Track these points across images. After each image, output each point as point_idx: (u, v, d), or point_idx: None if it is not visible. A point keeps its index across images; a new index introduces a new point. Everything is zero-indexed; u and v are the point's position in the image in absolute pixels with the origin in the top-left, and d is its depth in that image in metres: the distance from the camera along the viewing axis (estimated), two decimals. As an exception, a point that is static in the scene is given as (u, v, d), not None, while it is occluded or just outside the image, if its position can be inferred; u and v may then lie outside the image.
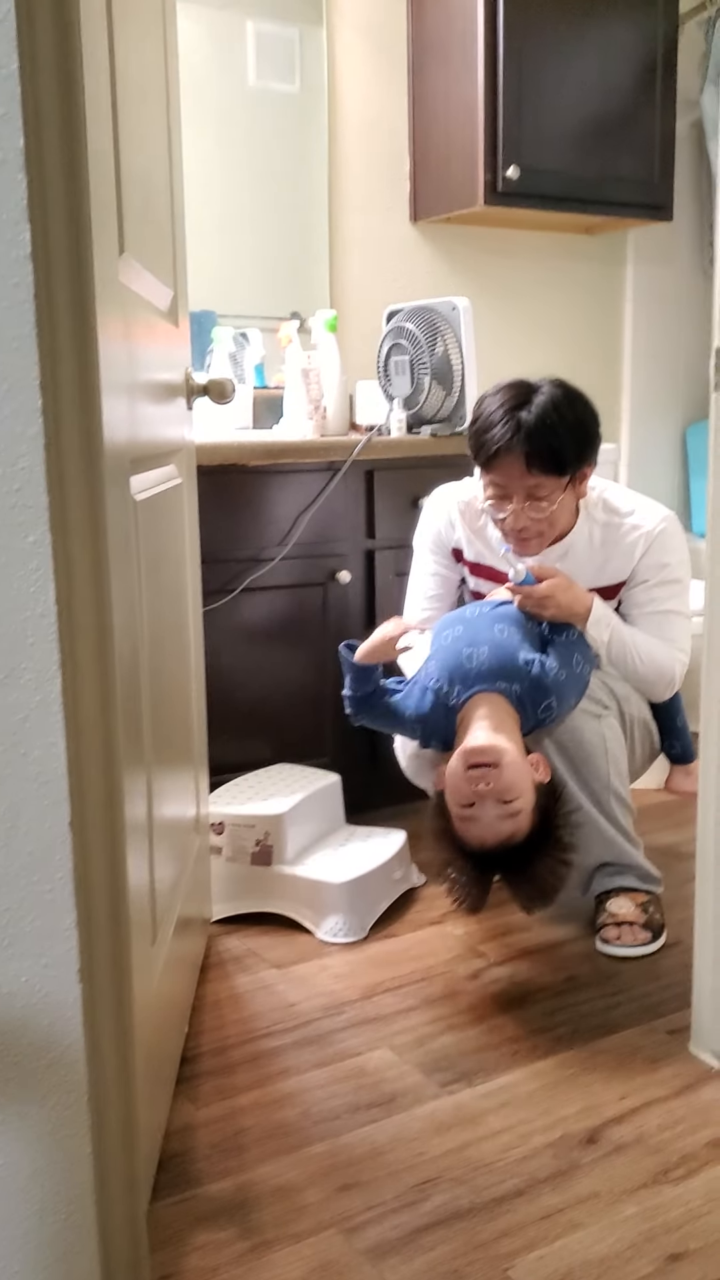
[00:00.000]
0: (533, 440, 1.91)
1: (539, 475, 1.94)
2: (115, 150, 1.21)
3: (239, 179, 2.86)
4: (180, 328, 1.82)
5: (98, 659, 1.03)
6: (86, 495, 1.01)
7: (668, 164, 3.09)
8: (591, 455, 2.00)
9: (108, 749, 1.05)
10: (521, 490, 1.97)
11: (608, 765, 1.99)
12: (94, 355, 1.01)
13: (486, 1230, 1.36)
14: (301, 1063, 1.71)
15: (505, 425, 1.93)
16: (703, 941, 1.68)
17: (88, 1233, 1.04)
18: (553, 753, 1.96)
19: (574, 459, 1.96)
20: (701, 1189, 1.42)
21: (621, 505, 2.11)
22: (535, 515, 1.99)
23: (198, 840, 1.95)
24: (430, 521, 2.25)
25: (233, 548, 2.38)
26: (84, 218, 0.98)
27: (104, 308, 1.07)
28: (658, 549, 2.07)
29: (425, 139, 3.01)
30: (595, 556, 2.09)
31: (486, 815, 1.72)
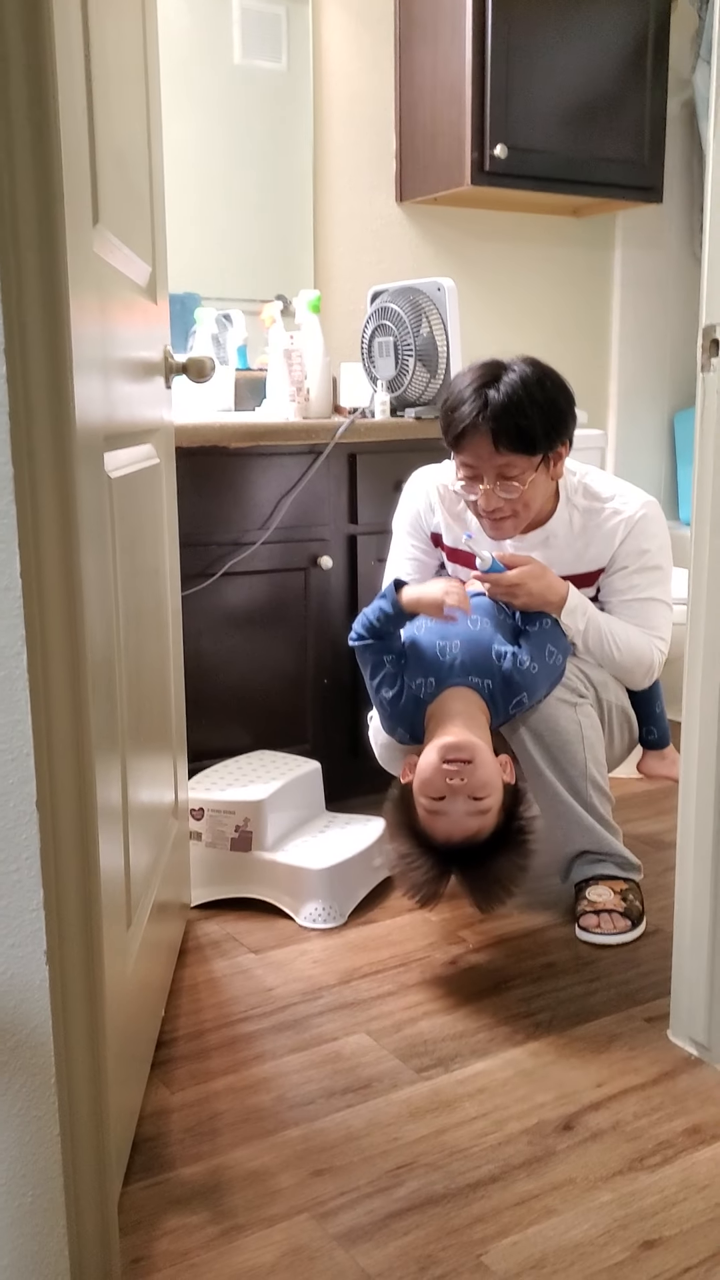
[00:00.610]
0: (500, 418, 1.90)
1: (508, 454, 1.92)
2: (90, 118, 1.19)
3: (223, 158, 2.83)
4: (159, 305, 1.80)
5: (68, 636, 1.01)
6: (56, 468, 0.99)
7: (658, 145, 3.07)
8: (564, 435, 1.98)
9: (78, 729, 1.04)
10: (492, 470, 1.95)
11: (584, 753, 1.98)
12: (64, 322, 0.99)
13: (460, 1216, 1.35)
14: (278, 1047, 1.69)
15: (473, 404, 1.91)
16: (682, 929, 1.67)
17: (56, 1215, 1.02)
18: (529, 741, 1.95)
19: (544, 438, 1.93)
20: (677, 1176, 1.41)
21: (602, 490, 2.09)
22: (507, 495, 1.96)
23: (176, 825, 1.94)
24: (409, 503, 2.23)
25: (213, 531, 2.36)
26: (54, 182, 0.96)
27: (76, 277, 1.05)
28: (638, 535, 2.05)
29: (412, 118, 2.99)
30: (575, 543, 2.08)
31: (456, 811, 1.74)
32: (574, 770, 1.98)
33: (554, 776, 1.97)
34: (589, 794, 2.00)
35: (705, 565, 1.56)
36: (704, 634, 1.58)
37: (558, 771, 1.97)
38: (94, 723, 1.07)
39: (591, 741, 1.99)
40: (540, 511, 2.05)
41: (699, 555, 1.58)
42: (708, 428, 1.54)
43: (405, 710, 1.91)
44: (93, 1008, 1.08)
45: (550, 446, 1.95)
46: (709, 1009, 1.63)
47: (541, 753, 1.96)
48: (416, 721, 1.91)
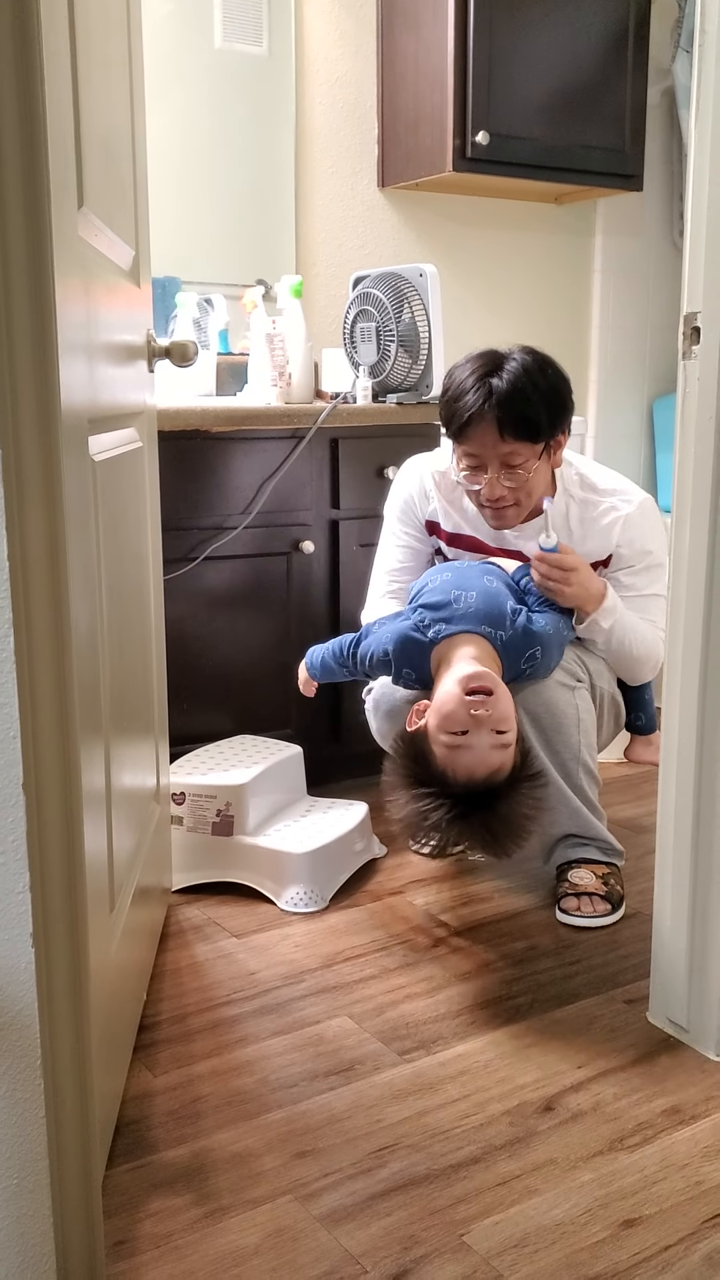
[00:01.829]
0: (505, 406, 1.90)
1: (513, 442, 1.93)
2: (75, 100, 1.18)
3: (204, 143, 2.82)
4: (142, 288, 1.79)
5: (53, 620, 1.01)
6: (41, 451, 0.99)
7: (639, 133, 3.08)
8: (565, 422, 1.99)
9: (63, 713, 1.03)
10: (496, 459, 1.95)
11: (579, 737, 1.99)
12: (50, 304, 0.99)
13: (443, 1196, 1.36)
14: (260, 1030, 1.70)
15: (477, 393, 1.91)
16: (661, 913, 1.69)
17: (41, 1197, 1.03)
18: (526, 721, 1.96)
19: (548, 425, 1.94)
20: (657, 1156, 1.43)
21: (599, 483, 2.10)
22: (511, 484, 1.97)
23: (158, 810, 1.94)
24: (401, 491, 2.23)
25: (195, 515, 2.35)
26: (40, 163, 0.95)
27: (61, 259, 1.04)
28: (639, 535, 2.06)
29: (394, 103, 2.98)
30: (572, 534, 2.08)
31: (480, 744, 1.68)
32: (567, 753, 1.99)
33: (547, 758, 1.98)
34: (579, 777, 2.01)
35: (685, 552, 1.57)
36: (684, 620, 1.59)
37: (550, 753, 1.98)
38: (78, 707, 1.07)
39: (586, 726, 2.00)
40: (538, 502, 2.05)
41: (679, 542, 1.59)
42: (688, 415, 1.55)
43: (410, 651, 1.88)
44: (77, 991, 1.08)
45: (553, 434, 1.96)
46: (688, 991, 1.65)
47: (537, 734, 1.97)
48: (423, 664, 1.88)
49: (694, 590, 1.57)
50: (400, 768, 1.75)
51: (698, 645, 1.57)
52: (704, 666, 1.57)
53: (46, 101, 0.97)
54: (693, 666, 1.58)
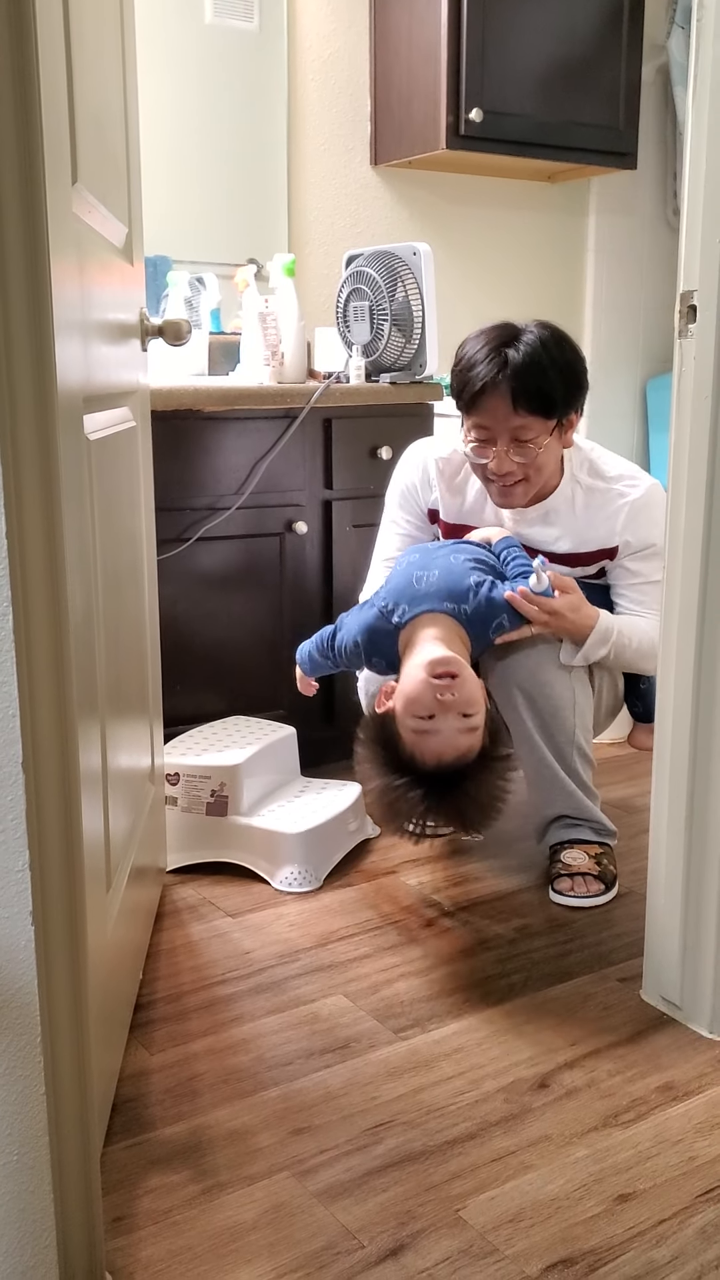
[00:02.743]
0: (520, 378, 1.88)
1: (525, 415, 1.90)
2: (69, 74, 1.17)
3: (195, 120, 2.80)
4: (135, 266, 1.78)
5: (49, 598, 1.01)
6: (38, 430, 0.99)
7: (633, 110, 3.06)
8: (579, 401, 1.97)
9: (60, 691, 1.03)
10: (506, 432, 1.93)
11: (574, 719, 1.99)
12: (45, 281, 0.98)
13: (438, 1172, 1.37)
14: (256, 1009, 1.71)
15: (491, 363, 1.89)
16: (655, 891, 1.70)
17: (42, 1172, 1.03)
18: (521, 703, 1.96)
19: (562, 401, 1.92)
20: (650, 1132, 1.44)
21: (608, 470, 2.07)
22: (520, 459, 1.94)
23: (153, 790, 1.94)
24: (402, 477, 2.21)
25: (187, 496, 2.35)
26: (35, 137, 0.95)
27: (56, 236, 1.04)
28: (645, 522, 2.03)
29: (387, 80, 2.96)
30: (577, 521, 2.06)
31: (448, 728, 1.68)
32: (561, 736, 1.99)
33: (541, 740, 1.98)
34: (573, 759, 2.01)
35: (681, 531, 1.58)
36: (679, 599, 1.59)
37: (545, 736, 1.98)
38: (75, 685, 1.07)
39: (582, 709, 2.00)
40: (544, 486, 2.04)
41: (674, 521, 1.59)
42: (684, 394, 1.55)
43: (378, 640, 1.89)
44: (76, 969, 1.08)
45: (566, 411, 1.94)
46: (681, 968, 1.66)
47: (532, 716, 1.97)
48: (391, 650, 1.89)
49: (689, 569, 1.57)
50: (370, 751, 1.75)
51: (692, 624, 1.57)
52: (699, 646, 1.57)
53: (41, 74, 0.96)
54: (687, 646, 1.59)
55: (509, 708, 1.99)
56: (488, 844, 2.28)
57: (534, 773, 2.03)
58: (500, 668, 1.97)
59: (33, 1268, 1.06)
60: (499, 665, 1.97)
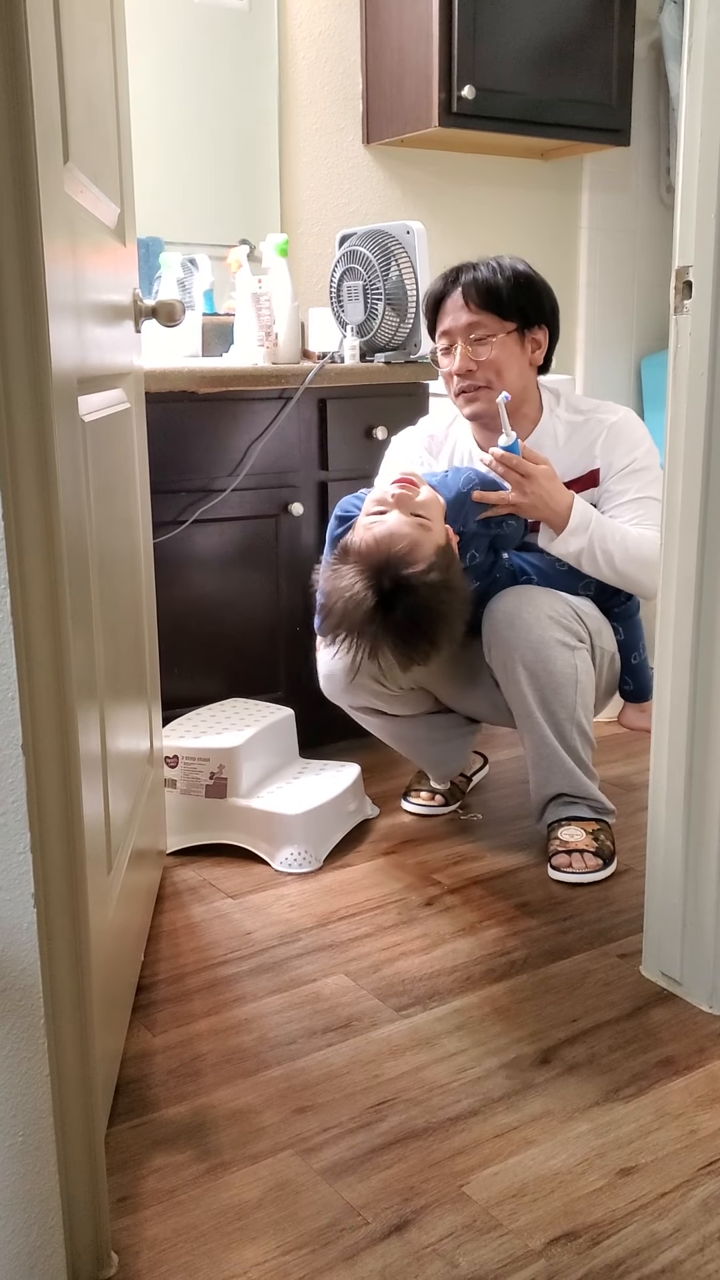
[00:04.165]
0: (474, 281, 2.03)
1: (479, 311, 2.02)
2: (58, 51, 1.16)
3: (185, 100, 2.78)
4: (128, 247, 1.77)
5: (47, 579, 1.00)
6: (33, 411, 0.98)
7: (625, 86, 3.04)
8: (538, 313, 2.06)
9: (59, 673, 1.03)
10: (464, 333, 2.04)
11: (575, 698, 2.00)
12: (38, 260, 0.97)
13: (442, 1148, 1.37)
14: (258, 989, 1.71)
15: (449, 278, 2.06)
16: (654, 867, 1.70)
17: (47, 1153, 1.03)
18: (524, 679, 1.97)
19: (513, 303, 2.02)
20: (652, 1106, 1.45)
21: (583, 403, 2.18)
22: (477, 356, 2.03)
23: (152, 773, 1.94)
24: (397, 452, 2.27)
25: (182, 478, 2.34)
26: (26, 113, 0.94)
27: (48, 215, 1.03)
28: (622, 441, 2.10)
29: (378, 58, 2.94)
30: (561, 453, 2.11)
31: (398, 517, 1.80)
32: (563, 714, 2.00)
33: (543, 718, 1.99)
34: (573, 738, 2.02)
35: (678, 506, 1.57)
36: (676, 575, 1.59)
37: (547, 714, 1.99)
38: (74, 667, 1.07)
39: (584, 688, 2.01)
40: (524, 419, 2.11)
41: (671, 497, 1.58)
42: (680, 370, 1.54)
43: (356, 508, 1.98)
44: (78, 950, 1.08)
45: (523, 317, 2.04)
46: (681, 944, 1.67)
47: (535, 693, 1.98)
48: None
49: (687, 544, 1.57)
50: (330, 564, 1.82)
51: (690, 600, 1.57)
52: (696, 622, 1.57)
53: (30, 50, 0.95)
54: (685, 622, 1.59)
55: (511, 682, 1.99)
56: (487, 823, 2.29)
57: (533, 751, 2.03)
58: (504, 640, 1.98)
59: (39, 1248, 1.07)
60: (504, 638, 1.98)
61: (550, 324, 2.09)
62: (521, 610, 1.98)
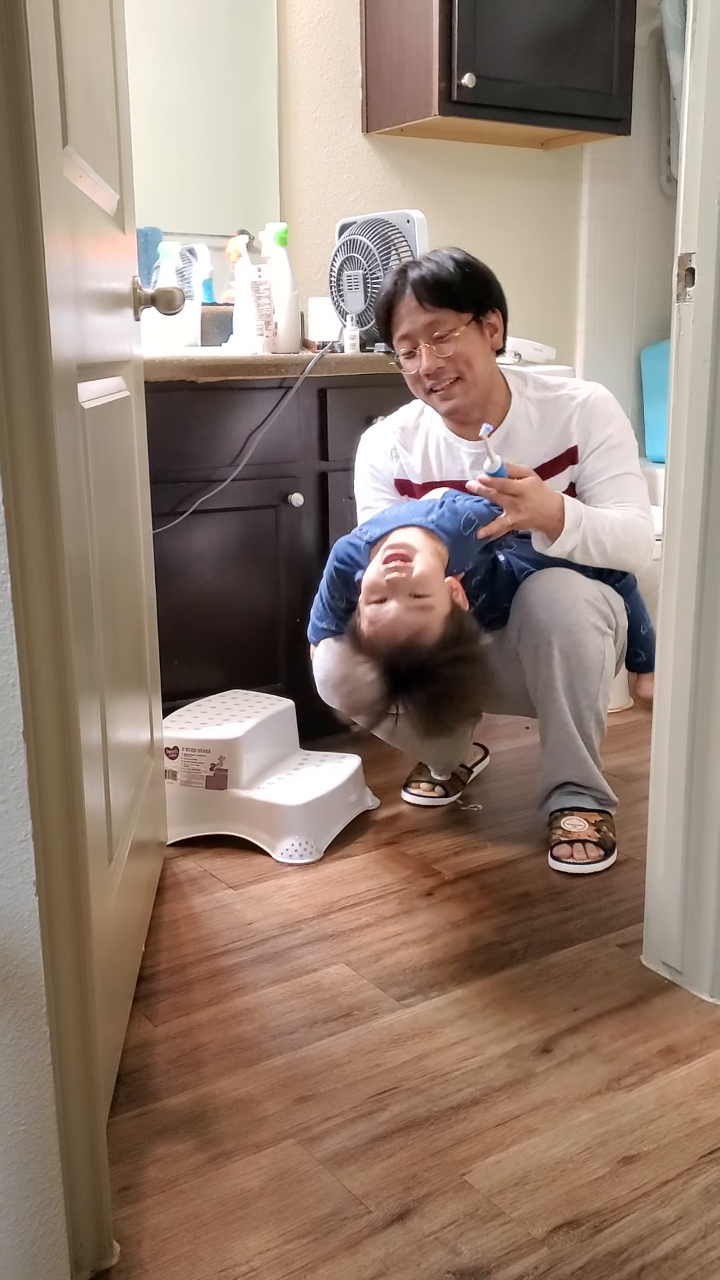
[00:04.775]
0: (421, 280, 1.99)
1: (434, 309, 1.99)
2: (57, 34, 1.15)
3: (184, 88, 2.77)
4: (127, 234, 1.76)
5: (47, 567, 1.00)
6: (33, 397, 0.97)
7: (626, 75, 3.03)
8: (489, 299, 2.04)
9: (59, 661, 1.03)
10: (425, 333, 2.01)
11: (599, 685, 2.01)
12: (38, 245, 0.97)
13: (444, 1137, 1.37)
14: (259, 979, 1.71)
15: (395, 281, 2.03)
16: (655, 857, 1.70)
17: (49, 1142, 1.03)
18: (556, 658, 1.98)
19: (465, 293, 1.99)
20: (653, 1095, 1.44)
21: (552, 381, 2.16)
22: (443, 354, 2.01)
23: (152, 764, 1.94)
24: (365, 460, 2.24)
25: (182, 468, 2.33)
26: (25, 93, 0.93)
27: (48, 200, 1.02)
28: (596, 417, 2.09)
29: (378, 45, 2.93)
30: (536, 434, 2.11)
31: (397, 606, 1.73)
32: (585, 700, 2.01)
33: (566, 702, 2.00)
34: (590, 725, 2.03)
35: (680, 495, 1.57)
36: (679, 566, 1.59)
37: (571, 698, 2.00)
38: (74, 655, 1.06)
39: (607, 676, 2.03)
40: (494, 406, 2.09)
41: (674, 485, 1.58)
42: (682, 358, 1.54)
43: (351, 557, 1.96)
44: (80, 939, 1.08)
45: (477, 305, 2.01)
46: (682, 933, 1.66)
47: (564, 676, 1.99)
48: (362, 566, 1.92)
49: (690, 533, 1.56)
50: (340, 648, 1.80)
51: (692, 591, 1.57)
52: (698, 613, 1.57)
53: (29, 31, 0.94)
54: (687, 613, 1.58)
55: (542, 661, 1.99)
56: (487, 813, 2.29)
57: (551, 735, 2.04)
58: (539, 622, 1.98)
59: (41, 1237, 1.06)
60: (539, 620, 1.98)
61: (501, 306, 2.07)
62: (558, 592, 1.99)
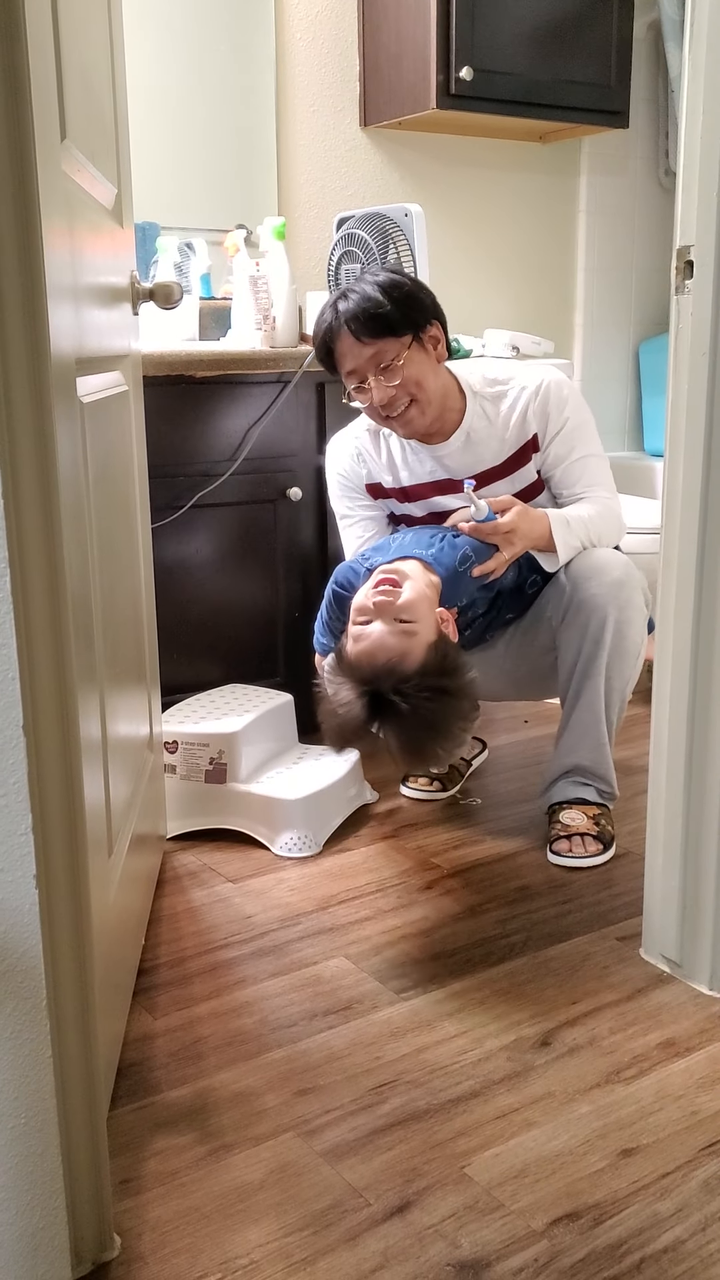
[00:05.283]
0: (353, 315, 1.97)
1: (374, 341, 1.97)
2: (55, 27, 1.15)
3: (180, 82, 2.76)
4: (125, 229, 1.76)
5: (46, 560, 1.00)
6: (32, 391, 0.97)
7: (624, 68, 3.03)
8: (424, 312, 2.01)
9: (59, 654, 1.03)
10: (369, 366, 1.99)
11: (631, 672, 2.03)
12: (37, 238, 0.97)
13: (443, 1130, 1.38)
14: (258, 972, 1.71)
15: (329, 317, 2.00)
16: (654, 850, 1.70)
17: (50, 1135, 1.03)
18: (609, 630, 1.98)
19: (400, 315, 1.97)
20: (653, 1088, 1.45)
21: (500, 374, 2.14)
22: (392, 382, 1.99)
23: (151, 758, 1.94)
24: (333, 469, 2.24)
25: (181, 462, 2.33)
26: (23, 85, 0.93)
27: (46, 194, 1.02)
28: (554, 400, 2.08)
29: (376, 39, 2.92)
30: (496, 430, 2.10)
31: (381, 629, 1.74)
32: (617, 682, 2.02)
33: (601, 681, 2.01)
34: (615, 712, 2.05)
35: (679, 488, 1.57)
36: (678, 558, 1.59)
37: (606, 679, 2.01)
38: (73, 649, 1.06)
39: (639, 665, 2.04)
40: (450, 412, 2.08)
41: (673, 478, 1.58)
42: (681, 351, 1.54)
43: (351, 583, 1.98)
44: (79, 932, 1.08)
45: (413, 325, 1.99)
46: (680, 927, 1.67)
47: (611, 646, 1.99)
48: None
49: (688, 525, 1.56)
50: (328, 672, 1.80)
51: (691, 583, 1.57)
52: (697, 606, 1.57)
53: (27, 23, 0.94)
54: (686, 605, 1.58)
55: (590, 638, 2.00)
56: (486, 807, 2.29)
57: (577, 713, 2.05)
58: (593, 596, 1.99)
59: (42, 1229, 1.07)
60: (592, 593, 1.99)
61: (438, 315, 2.04)
62: (612, 571, 2.00)
